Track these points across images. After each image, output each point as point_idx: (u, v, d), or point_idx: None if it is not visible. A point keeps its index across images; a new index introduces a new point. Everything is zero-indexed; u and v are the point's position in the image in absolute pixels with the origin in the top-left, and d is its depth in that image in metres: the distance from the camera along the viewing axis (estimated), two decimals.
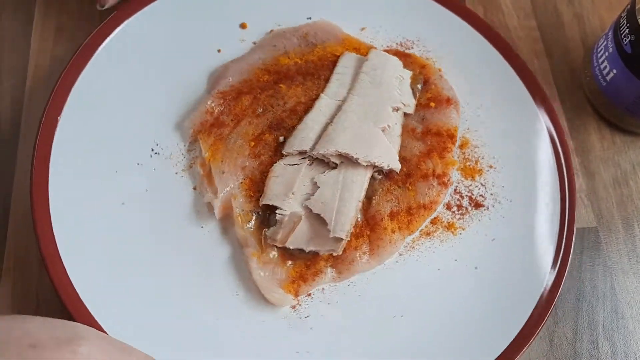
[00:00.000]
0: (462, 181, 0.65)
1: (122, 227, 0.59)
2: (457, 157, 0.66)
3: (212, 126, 0.62)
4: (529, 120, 0.67)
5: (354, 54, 0.68)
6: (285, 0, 0.72)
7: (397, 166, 0.61)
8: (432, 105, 0.66)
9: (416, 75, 0.67)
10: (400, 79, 0.66)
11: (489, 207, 0.64)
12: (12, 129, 0.67)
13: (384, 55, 0.67)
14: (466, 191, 0.65)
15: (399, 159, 0.62)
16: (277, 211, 0.58)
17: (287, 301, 0.57)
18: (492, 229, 0.63)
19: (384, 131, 0.62)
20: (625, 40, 0.64)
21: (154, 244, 0.59)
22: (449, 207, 0.64)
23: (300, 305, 0.58)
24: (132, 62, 0.66)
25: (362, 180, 0.59)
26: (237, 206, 0.59)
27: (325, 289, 0.59)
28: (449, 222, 0.63)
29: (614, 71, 0.66)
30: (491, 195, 0.65)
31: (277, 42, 0.68)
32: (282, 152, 0.61)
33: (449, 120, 0.66)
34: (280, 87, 0.65)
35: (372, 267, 0.60)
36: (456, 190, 0.65)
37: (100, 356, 0.43)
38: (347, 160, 0.60)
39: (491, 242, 0.62)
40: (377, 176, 0.62)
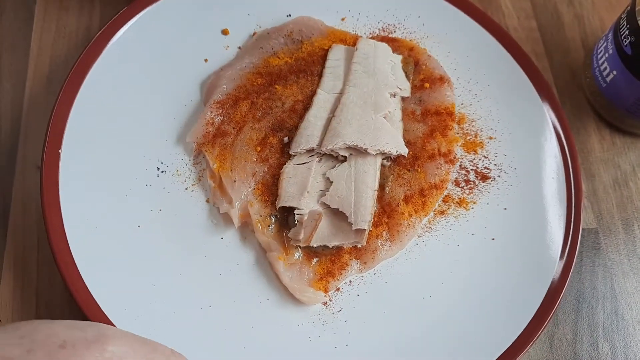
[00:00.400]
0: (466, 156, 0.66)
1: (142, 250, 0.58)
2: (457, 133, 0.67)
3: (215, 136, 0.62)
4: (521, 88, 0.68)
5: (342, 46, 0.68)
6: (262, 0, 0.72)
7: (404, 151, 0.61)
8: (427, 85, 0.67)
9: (406, 58, 0.68)
10: (392, 64, 0.66)
11: (495, 178, 0.65)
12: (12, 129, 0.66)
13: (373, 42, 0.67)
14: (471, 165, 0.66)
15: (405, 143, 0.63)
16: (295, 211, 0.58)
17: (319, 299, 0.57)
18: (502, 198, 0.64)
19: (386, 118, 0.63)
20: (625, 41, 0.64)
21: (177, 263, 0.58)
22: (457, 183, 0.65)
23: (331, 300, 0.58)
24: (123, 84, 0.65)
25: (373, 169, 0.60)
26: (254, 212, 0.59)
27: (352, 281, 0.59)
28: (459, 198, 0.64)
29: (614, 72, 0.66)
30: (495, 165, 0.66)
31: (264, 44, 0.68)
32: (290, 152, 0.61)
33: (445, 98, 0.66)
34: (275, 88, 0.65)
35: (395, 253, 0.60)
36: (461, 165, 0.66)
37: (127, 353, 0.43)
38: (355, 151, 0.60)
39: (503, 211, 0.63)
40: (385, 163, 0.62)
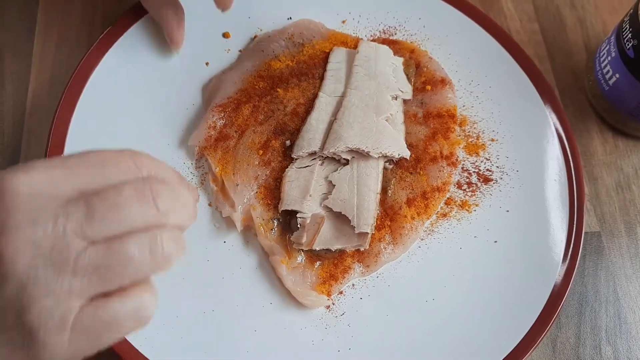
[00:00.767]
0: (468, 158, 0.66)
1: None
2: (459, 135, 0.67)
3: (217, 140, 0.62)
4: (523, 91, 0.68)
5: (343, 48, 0.68)
6: (263, 3, 0.72)
7: (406, 153, 0.61)
8: (428, 88, 0.67)
9: (407, 60, 0.68)
10: (393, 67, 0.66)
11: (497, 180, 0.65)
12: (14, 133, 0.66)
13: (374, 45, 0.67)
14: (473, 167, 0.66)
15: (407, 145, 0.63)
16: (298, 215, 0.58)
17: (322, 302, 0.57)
18: (504, 200, 0.64)
19: (388, 120, 0.62)
20: (628, 44, 0.64)
21: (179, 267, 0.57)
22: (459, 186, 0.65)
23: (334, 304, 0.58)
24: (124, 88, 0.65)
25: (375, 172, 0.60)
26: (257, 216, 0.59)
27: (355, 285, 0.59)
28: (462, 200, 0.64)
29: (617, 75, 0.66)
30: (497, 168, 0.66)
31: (264, 47, 0.68)
32: (292, 155, 0.61)
33: (446, 100, 0.66)
34: (277, 91, 0.64)
35: (398, 256, 0.60)
36: (463, 168, 0.65)
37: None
38: (358, 154, 0.60)
39: (506, 213, 0.63)
40: (388, 166, 0.62)
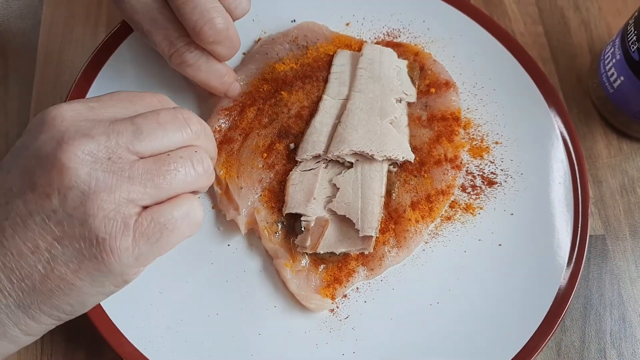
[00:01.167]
0: (472, 161, 0.66)
1: None
2: (463, 138, 0.67)
3: (222, 143, 0.62)
4: (527, 93, 0.68)
5: (348, 51, 0.68)
6: (267, 6, 0.72)
7: (411, 157, 0.61)
8: (433, 91, 0.67)
9: (411, 63, 0.68)
10: (397, 69, 0.66)
11: (502, 183, 0.65)
12: (19, 134, 0.65)
13: (378, 47, 0.67)
14: (477, 171, 0.65)
15: (411, 148, 0.63)
16: (302, 218, 0.58)
17: (326, 306, 0.57)
18: (508, 204, 0.64)
19: (392, 123, 0.62)
20: (632, 47, 0.63)
21: (183, 270, 0.58)
22: (463, 188, 0.64)
23: (338, 307, 0.58)
24: (129, 89, 0.63)
25: (380, 175, 0.60)
26: (261, 219, 0.59)
27: (359, 288, 0.59)
28: (466, 203, 0.64)
29: (621, 78, 0.66)
30: (502, 171, 0.65)
31: (268, 50, 0.68)
32: (296, 158, 0.61)
33: (451, 103, 0.66)
34: (281, 94, 0.64)
35: (402, 259, 0.60)
36: (468, 171, 0.65)
37: None
38: (362, 157, 0.60)
39: (510, 216, 0.63)
40: (392, 169, 0.62)
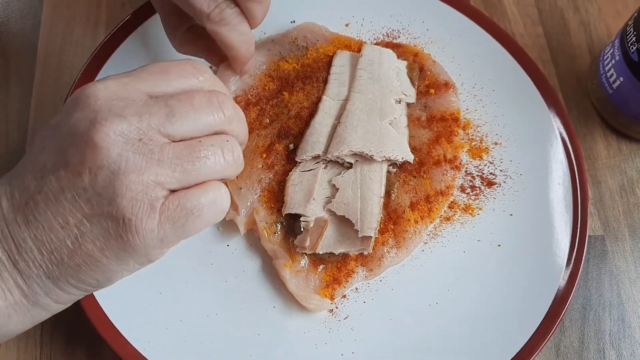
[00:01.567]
0: (471, 162, 0.66)
1: None
2: (462, 139, 0.67)
3: None
4: (526, 94, 0.68)
5: (347, 52, 0.68)
6: None
7: (410, 157, 0.61)
8: (432, 91, 0.67)
9: (411, 64, 0.68)
10: (397, 70, 0.66)
11: (501, 184, 0.65)
12: (19, 136, 0.67)
13: (377, 48, 0.67)
14: (476, 171, 0.65)
15: (410, 149, 0.63)
16: (301, 218, 0.58)
17: (326, 306, 0.57)
18: (508, 204, 0.64)
19: (391, 124, 0.62)
20: (632, 48, 0.64)
21: (183, 270, 0.58)
22: (462, 189, 0.64)
23: (337, 308, 0.58)
24: None
25: (379, 176, 0.60)
26: (260, 220, 0.59)
27: (358, 288, 0.59)
28: (465, 204, 0.64)
29: (621, 79, 0.66)
30: (501, 171, 0.65)
31: (271, 47, 0.68)
32: (296, 159, 0.61)
33: (450, 104, 0.66)
34: (283, 95, 0.64)
35: (401, 260, 0.60)
36: (467, 171, 0.65)
37: None
38: (361, 158, 0.60)
39: (509, 217, 0.63)
40: (391, 169, 0.62)
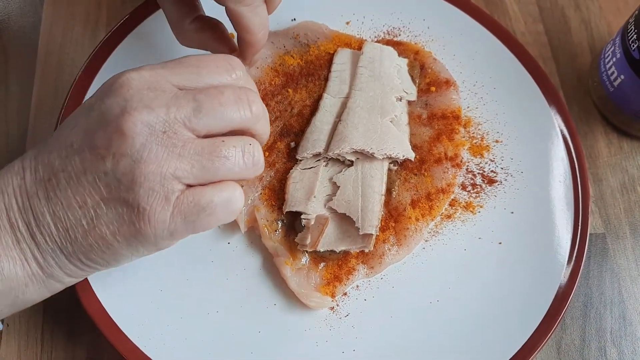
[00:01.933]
0: (472, 160, 0.66)
1: (148, 256, 0.57)
2: (463, 137, 0.67)
3: None
4: (527, 92, 0.68)
5: (348, 50, 0.68)
6: None
7: (411, 155, 0.61)
8: (433, 89, 0.67)
9: (412, 61, 0.68)
10: (398, 68, 0.66)
11: (502, 182, 0.65)
12: (19, 134, 0.67)
13: (378, 46, 0.67)
14: (477, 169, 0.65)
15: (411, 147, 0.63)
16: (302, 216, 0.58)
17: (326, 304, 0.57)
18: (509, 202, 0.64)
19: (392, 122, 0.62)
20: (633, 45, 0.64)
21: (183, 268, 0.58)
22: (463, 187, 0.64)
23: (338, 305, 0.58)
24: None
25: (380, 174, 0.60)
26: (261, 217, 0.59)
27: (359, 286, 0.59)
28: (466, 202, 0.64)
29: (622, 77, 0.66)
30: (502, 169, 0.65)
31: (274, 40, 0.68)
32: (297, 157, 0.61)
33: (451, 102, 0.66)
34: (287, 91, 0.65)
35: (402, 258, 0.60)
36: (468, 169, 0.65)
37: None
38: (362, 156, 0.60)
39: (510, 215, 0.63)
40: (392, 167, 0.62)
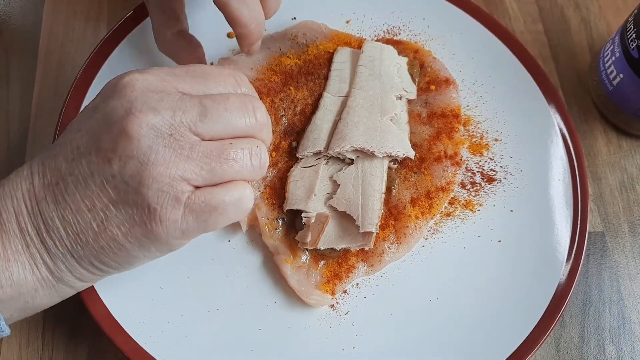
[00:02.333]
0: (472, 158, 0.66)
1: None
2: (463, 135, 0.67)
3: None
4: (527, 91, 0.68)
5: (348, 49, 0.68)
6: None
7: (411, 153, 0.61)
8: (433, 88, 0.67)
9: (412, 60, 0.68)
10: (397, 67, 0.66)
11: (501, 180, 0.65)
12: (20, 132, 0.67)
13: (378, 45, 0.67)
14: (477, 167, 0.66)
15: (411, 145, 0.63)
16: (303, 214, 0.58)
17: (326, 301, 0.57)
18: (508, 200, 0.64)
19: (392, 120, 0.63)
20: (632, 44, 0.64)
21: (184, 266, 0.58)
22: (463, 185, 0.65)
23: (338, 303, 0.58)
24: None
25: (380, 172, 0.60)
26: (262, 216, 0.59)
27: (359, 284, 0.59)
28: (466, 200, 0.64)
29: (621, 76, 0.67)
30: (501, 167, 0.66)
31: (271, 46, 0.68)
32: (297, 155, 0.61)
33: (450, 100, 0.66)
34: (289, 89, 0.65)
35: (402, 256, 0.60)
36: (467, 168, 0.65)
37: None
38: (362, 154, 0.60)
39: (510, 213, 0.63)
40: (392, 166, 0.62)
